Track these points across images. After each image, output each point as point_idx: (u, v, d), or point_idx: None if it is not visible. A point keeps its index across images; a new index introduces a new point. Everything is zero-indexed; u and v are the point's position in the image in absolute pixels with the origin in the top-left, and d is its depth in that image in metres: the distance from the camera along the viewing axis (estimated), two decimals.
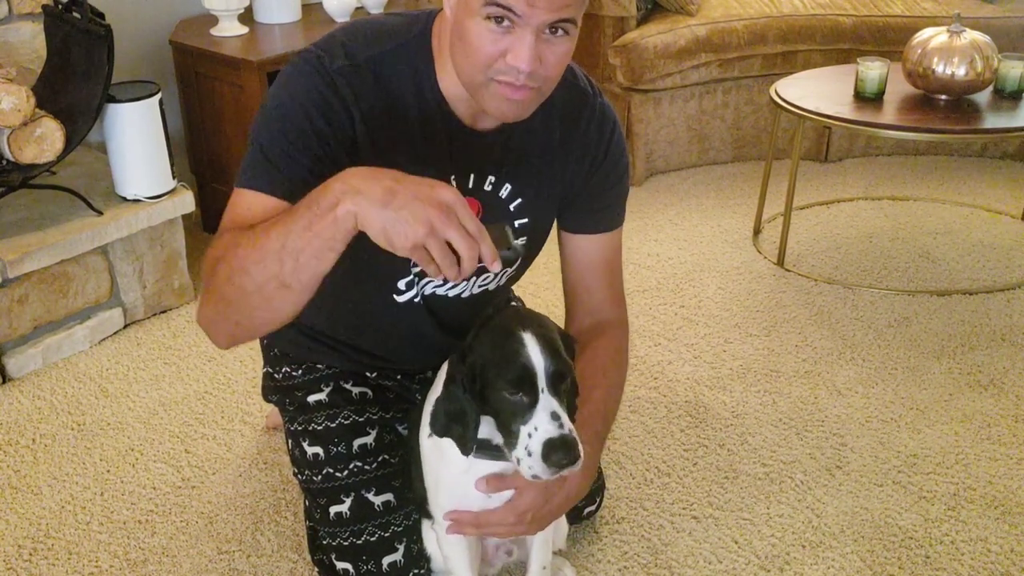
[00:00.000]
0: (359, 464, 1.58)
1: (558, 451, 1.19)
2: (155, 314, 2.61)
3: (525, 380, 1.20)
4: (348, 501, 1.57)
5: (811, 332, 2.50)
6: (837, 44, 3.40)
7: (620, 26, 3.27)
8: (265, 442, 2.11)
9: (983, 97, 2.74)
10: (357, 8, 3.23)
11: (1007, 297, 2.65)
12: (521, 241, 1.52)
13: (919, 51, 2.68)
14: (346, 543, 1.57)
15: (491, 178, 1.46)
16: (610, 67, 3.29)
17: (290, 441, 1.68)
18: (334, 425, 1.61)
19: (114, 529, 1.88)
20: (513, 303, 1.85)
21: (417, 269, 1.50)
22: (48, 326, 2.39)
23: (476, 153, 1.42)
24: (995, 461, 2.02)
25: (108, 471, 2.03)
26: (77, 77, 2.40)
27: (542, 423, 1.20)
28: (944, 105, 2.70)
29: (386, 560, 1.55)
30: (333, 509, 1.58)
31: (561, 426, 1.19)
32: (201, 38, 2.92)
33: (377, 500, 1.56)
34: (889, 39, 3.38)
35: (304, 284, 1.17)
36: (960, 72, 2.64)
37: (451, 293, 1.55)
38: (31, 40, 2.60)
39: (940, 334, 2.48)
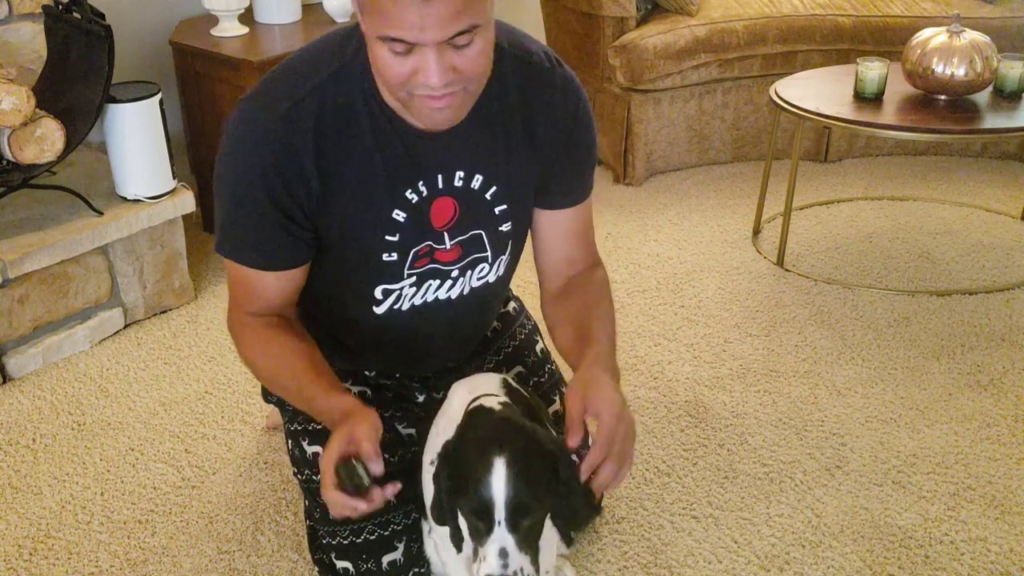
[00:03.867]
0: None
1: None
2: (155, 314, 2.62)
3: (482, 510, 1.17)
4: None
5: (811, 332, 2.50)
6: (837, 44, 3.40)
7: (620, 26, 3.27)
8: (265, 442, 2.11)
9: (983, 97, 2.74)
10: None
11: (1007, 297, 2.65)
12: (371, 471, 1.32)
13: (919, 51, 2.68)
14: (346, 542, 1.57)
15: (460, 173, 1.44)
16: (610, 67, 3.29)
17: (290, 441, 1.68)
18: None
19: (114, 529, 1.88)
20: (513, 304, 1.84)
21: (413, 279, 1.50)
22: (48, 326, 2.39)
23: (438, 154, 1.41)
24: (995, 461, 2.02)
25: (108, 471, 2.03)
26: (77, 77, 2.40)
27: (489, 556, 1.16)
28: (944, 105, 2.70)
29: (386, 559, 1.55)
30: None
31: (505, 566, 1.15)
32: (201, 38, 2.92)
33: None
34: (889, 39, 3.38)
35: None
36: (960, 72, 2.64)
37: (442, 296, 1.54)
38: (31, 40, 2.60)
39: (940, 334, 2.48)
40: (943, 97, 2.71)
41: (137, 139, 2.46)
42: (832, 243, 2.97)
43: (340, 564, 1.58)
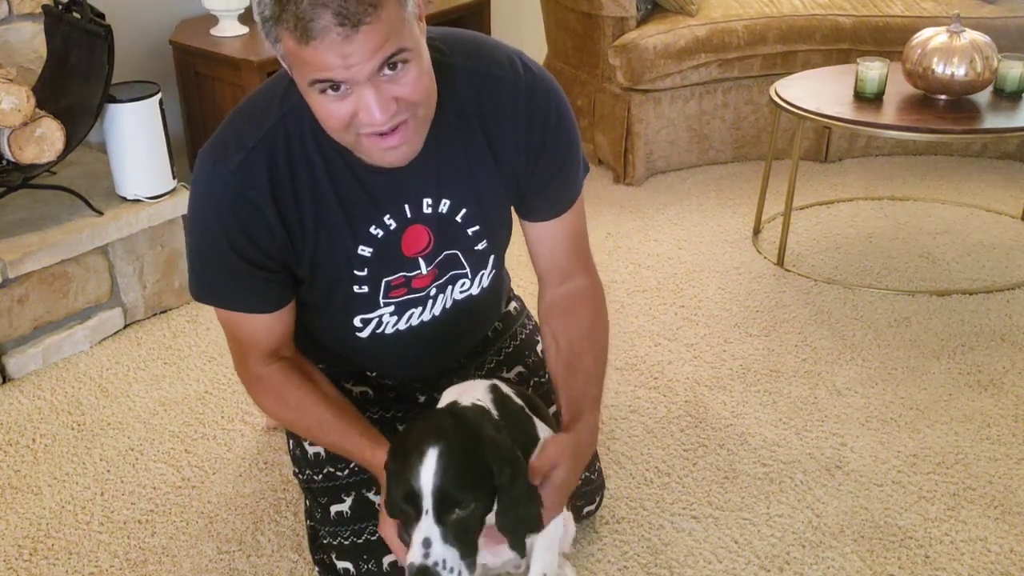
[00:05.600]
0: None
1: None
2: (155, 314, 2.62)
3: (409, 498, 1.19)
4: (349, 500, 1.57)
5: (811, 332, 2.50)
6: (837, 44, 3.40)
7: (620, 26, 3.27)
8: (265, 442, 2.11)
9: (983, 97, 2.74)
10: None
11: (1007, 297, 2.65)
12: None
13: (919, 51, 2.68)
14: (347, 542, 1.57)
15: (427, 200, 1.41)
16: (610, 67, 3.29)
17: (291, 440, 1.68)
18: None
19: (114, 529, 1.88)
20: (514, 304, 1.84)
21: (391, 309, 1.50)
22: (48, 326, 2.39)
23: (400, 186, 1.38)
24: (995, 461, 2.02)
25: (108, 471, 2.03)
26: (77, 77, 2.40)
27: (414, 544, 1.18)
28: (944, 105, 2.70)
29: (387, 559, 1.55)
30: (334, 508, 1.58)
31: (427, 555, 1.16)
32: (201, 38, 2.93)
33: (378, 499, 1.56)
34: (889, 39, 3.37)
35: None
36: (960, 72, 2.64)
37: (426, 318, 1.53)
38: (31, 40, 2.60)
39: (940, 334, 2.48)
40: (943, 97, 2.71)
41: (137, 139, 2.46)
42: (832, 243, 2.97)
43: (341, 564, 1.58)
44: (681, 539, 1.82)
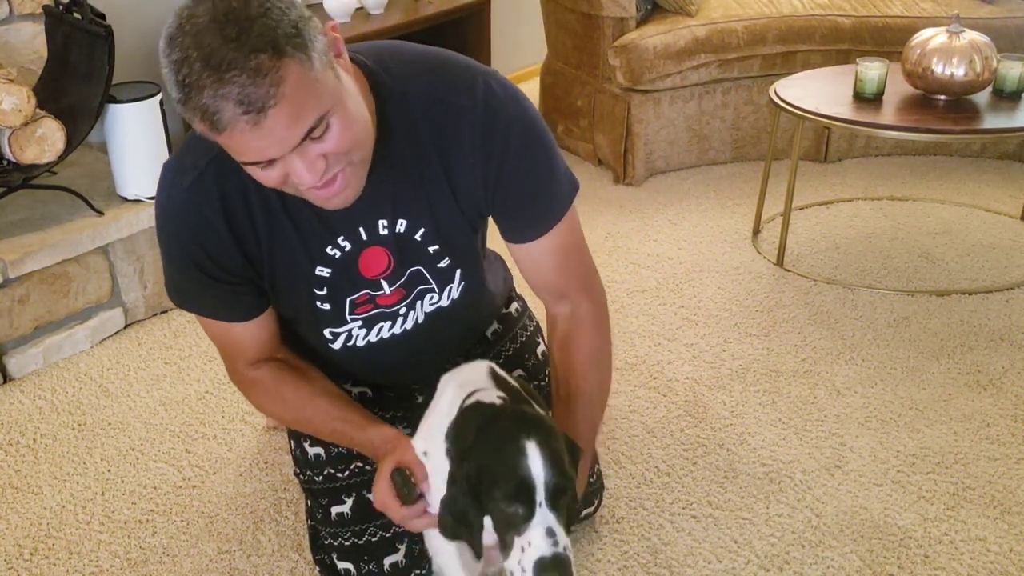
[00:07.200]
0: (360, 464, 1.58)
1: (550, 571, 1.14)
2: (156, 314, 2.62)
3: (523, 493, 1.15)
4: (350, 501, 1.57)
5: (810, 332, 2.50)
6: (836, 44, 3.40)
7: (620, 27, 3.27)
8: (266, 442, 2.12)
9: (982, 97, 2.74)
10: (357, 8, 3.24)
11: (1006, 297, 2.65)
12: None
13: (918, 51, 2.69)
14: (348, 543, 1.57)
15: (383, 222, 1.39)
16: (610, 67, 3.29)
17: (292, 441, 1.68)
18: None
19: (115, 529, 1.88)
20: (515, 305, 1.84)
21: (359, 323, 1.50)
22: (49, 326, 2.40)
23: (354, 211, 1.32)
24: (994, 461, 2.03)
25: (109, 471, 2.04)
26: (78, 77, 2.40)
27: (536, 539, 1.15)
28: (943, 105, 2.70)
29: (387, 560, 1.55)
30: (335, 509, 1.58)
31: (555, 543, 1.14)
32: None
33: None
34: (888, 39, 3.38)
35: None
36: (959, 72, 2.64)
37: (397, 331, 1.52)
38: (32, 40, 2.60)
39: (939, 334, 2.48)
40: (943, 97, 2.72)
41: (137, 139, 2.46)
42: (832, 243, 2.97)
43: (342, 565, 1.58)
44: (681, 539, 1.83)
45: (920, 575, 1.74)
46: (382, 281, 1.45)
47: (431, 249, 1.44)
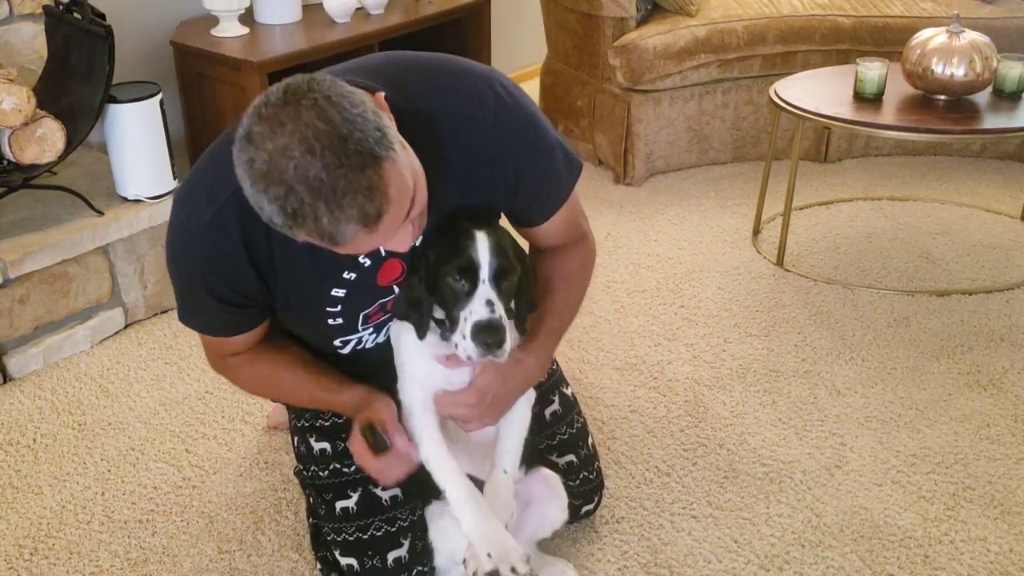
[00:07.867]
0: None
1: (485, 331, 1.32)
2: (156, 314, 2.62)
3: (469, 269, 1.34)
4: (355, 496, 1.58)
5: (810, 332, 2.50)
6: (836, 44, 3.40)
7: (620, 27, 3.27)
8: (266, 442, 2.12)
9: (982, 97, 2.74)
10: (357, 9, 3.24)
11: (1006, 297, 2.65)
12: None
13: (918, 51, 2.69)
14: (351, 538, 1.57)
15: None
16: (610, 67, 3.29)
17: (296, 438, 1.69)
18: (341, 420, 1.62)
19: (115, 528, 1.88)
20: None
21: (370, 330, 1.53)
22: (49, 326, 2.40)
23: None
24: (994, 461, 2.03)
25: (109, 471, 2.04)
26: (78, 77, 2.41)
27: (476, 308, 1.34)
28: (943, 105, 2.70)
29: (391, 555, 1.55)
30: (340, 504, 1.59)
31: (492, 311, 1.33)
32: (202, 39, 2.93)
33: (385, 495, 1.57)
34: (888, 39, 3.38)
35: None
36: (959, 72, 2.64)
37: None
38: (32, 40, 2.60)
39: (939, 334, 2.48)
40: (943, 97, 2.72)
41: (137, 139, 2.46)
42: (832, 243, 2.97)
43: (344, 560, 1.58)
44: (681, 539, 1.83)
45: (920, 575, 1.74)
46: (394, 287, 1.48)
47: None
